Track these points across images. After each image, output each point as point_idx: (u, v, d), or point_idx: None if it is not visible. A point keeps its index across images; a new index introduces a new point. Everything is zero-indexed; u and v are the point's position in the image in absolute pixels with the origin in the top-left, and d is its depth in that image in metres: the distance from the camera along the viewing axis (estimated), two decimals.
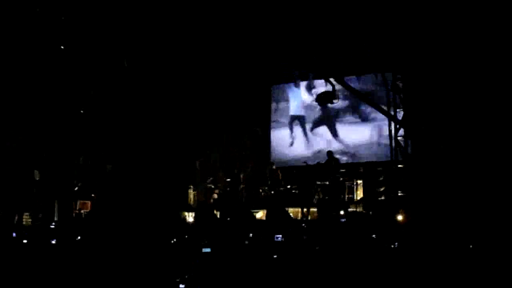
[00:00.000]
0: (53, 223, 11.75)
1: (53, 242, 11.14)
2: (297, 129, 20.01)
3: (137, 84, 18.69)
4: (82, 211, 17.46)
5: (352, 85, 17.38)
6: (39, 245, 11.65)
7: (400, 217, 14.13)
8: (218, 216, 16.25)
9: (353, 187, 17.75)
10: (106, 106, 18.99)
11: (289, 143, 20.07)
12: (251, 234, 11.81)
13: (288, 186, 17.57)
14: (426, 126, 15.64)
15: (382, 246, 11.04)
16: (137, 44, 17.59)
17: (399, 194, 16.13)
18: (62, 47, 17.48)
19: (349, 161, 18.36)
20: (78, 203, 17.67)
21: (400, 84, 16.42)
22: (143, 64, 18.25)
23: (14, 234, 13.45)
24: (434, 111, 15.47)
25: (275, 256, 9.14)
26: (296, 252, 9.47)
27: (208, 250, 8.74)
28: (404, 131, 16.37)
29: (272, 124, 20.43)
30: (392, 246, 10.92)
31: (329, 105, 16.99)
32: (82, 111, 18.77)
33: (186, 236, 11.72)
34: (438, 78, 15.42)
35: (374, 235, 11.61)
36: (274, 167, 17.99)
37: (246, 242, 10.37)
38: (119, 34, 17.05)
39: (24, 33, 16.94)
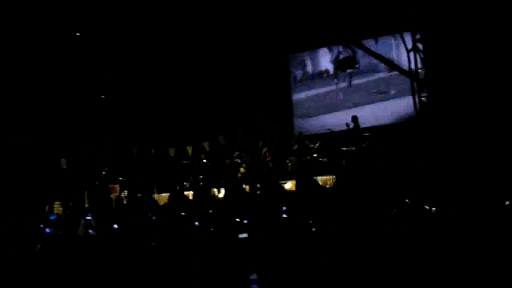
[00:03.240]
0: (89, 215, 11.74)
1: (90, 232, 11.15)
2: (319, 97, 19.93)
3: (156, 66, 18.72)
4: (111, 196, 17.56)
5: (370, 48, 17.30)
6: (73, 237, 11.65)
7: None
8: (248, 190, 16.25)
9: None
10: (126, 91, 19.07)
11: (312, 111, 20.01)
12: (284, 208, 11.75)
13: (315, 155, 17.51)
14: (450, 85, 15.52)
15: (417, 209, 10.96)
16: (152, 26, 17.60)
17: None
18: (77, 33, 17.51)
19: (374, 125, 18.18)
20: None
21: (420, 45, 16.26)
22: (160, 45, 18.27)
23: (41, 226, 13.55)
24: (456, 69, 15.33)
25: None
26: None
27: (245, 235, 8.58)
28: (428, 91, 16.23)
29: (293, 93, 20.37)
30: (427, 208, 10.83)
31: (350, 70, 16.88)
32: (103, 96, 18.84)
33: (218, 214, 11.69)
34: (458, 34, 15.26)
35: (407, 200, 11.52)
36: (302, 136, 17.96)
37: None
38: (137, 20, 17.07)
39: (42, 23, 16.98)
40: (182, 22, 17.74)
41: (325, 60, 20.01)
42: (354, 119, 16.96)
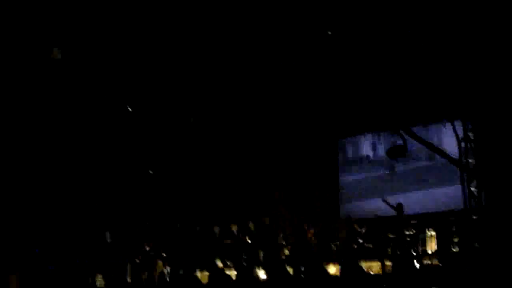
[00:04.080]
0: None
1: None
2: (367, 181, 19.86)
3: (206, 146, 18.92)
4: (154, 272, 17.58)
5: (419, 135, 17.24)
6: None
7: None
8: (291, 272, 16.11)
9: (426, 238, 17.40)
10: (173, 167, 19.25)
11: (358, 194, 19.91)
12: None
13: (360, 240, 17.38)
14: (501, 176, 15.34)
15: None
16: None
17: (475, 246, 15.75)
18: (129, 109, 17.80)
19: (420, 212, 17.99)
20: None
21: (471, 134, 16.18)
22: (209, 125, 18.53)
23: None
24: (508, 160, 15.18)
25: None
26: None
27: None
28: (477, 181, 16.06)
29: (341, 177, 20.33)
30: None
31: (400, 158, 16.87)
32: (151, 172, 19.02)
33: None
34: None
35: None
36: (351, 220, 17.87)
37: None
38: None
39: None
40: (228, 110, 18.06)
41: (370, 145, 20.02)
42: (399, 206, 16.82)
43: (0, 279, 16.78)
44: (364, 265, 16.09)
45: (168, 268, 17.66)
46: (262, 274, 16.92)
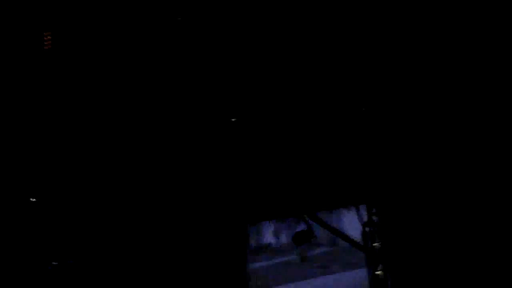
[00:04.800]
0: None
1: None
2: (272, 269, 19.75)
3: None
4: None
5: (323, 219, 17.33)
6: None
7: None
8: None
9: None
10: None
11: (265, 282, 19.73)
12: None
13: None
14: (405, 258, 15.55)
15: None
16: None
17: None
18: None
19: None
20: None
21: (375, 218, 16.39)
22: None
23: None
24: (412, 244, 15.41)
25: None
26: None
27: None
28: (382, 265, 16.21)
29: (248, 263, 20.14)
30: None
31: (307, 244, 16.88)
32: None
33: None
34: (414, 208, 15.46)
35: None
36: None
37: None
38: None
39: None
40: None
41: (273, 232, 20.00)
42: None
43: None
44: None
45: None
46: None
